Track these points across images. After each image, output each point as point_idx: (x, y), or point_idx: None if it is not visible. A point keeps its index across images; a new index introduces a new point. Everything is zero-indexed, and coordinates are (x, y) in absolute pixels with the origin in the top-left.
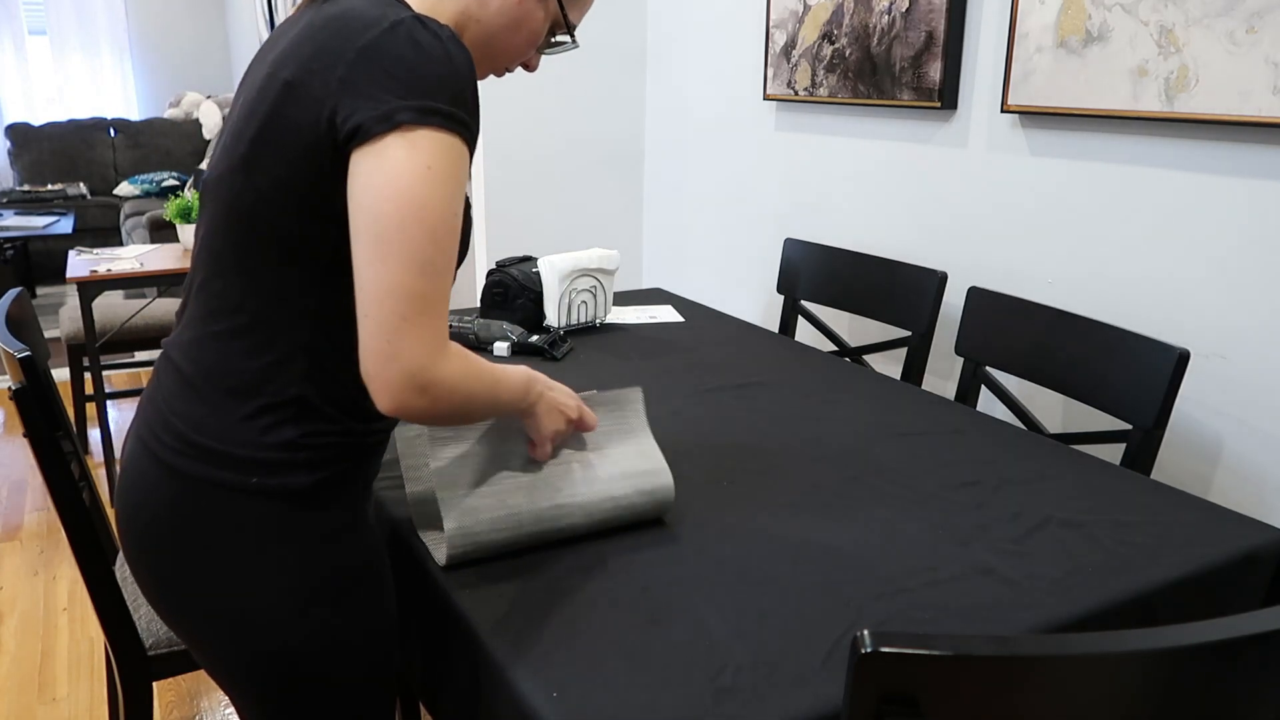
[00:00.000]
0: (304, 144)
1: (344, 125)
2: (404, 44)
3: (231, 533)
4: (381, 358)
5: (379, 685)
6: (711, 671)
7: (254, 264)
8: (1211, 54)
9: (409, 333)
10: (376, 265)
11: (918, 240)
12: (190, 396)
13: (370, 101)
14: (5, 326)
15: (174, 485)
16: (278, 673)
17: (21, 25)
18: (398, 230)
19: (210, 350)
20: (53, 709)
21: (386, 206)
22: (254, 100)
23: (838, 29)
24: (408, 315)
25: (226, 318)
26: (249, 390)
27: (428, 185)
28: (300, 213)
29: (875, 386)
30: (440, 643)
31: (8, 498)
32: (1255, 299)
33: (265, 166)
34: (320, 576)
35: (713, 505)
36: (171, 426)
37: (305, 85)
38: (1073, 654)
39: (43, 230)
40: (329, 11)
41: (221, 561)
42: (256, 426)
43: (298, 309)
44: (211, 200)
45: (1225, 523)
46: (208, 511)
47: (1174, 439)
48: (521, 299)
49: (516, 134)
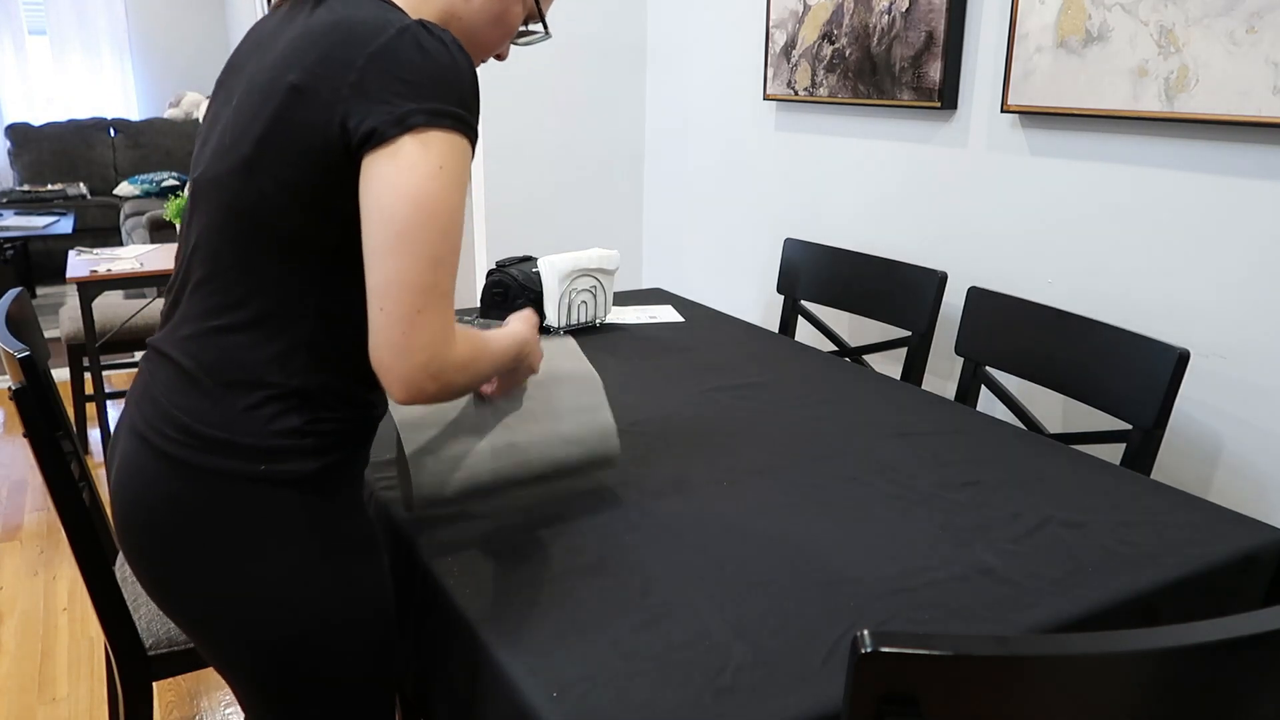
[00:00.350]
0: (312, 147)
1: (357, 130)
2: (412, 49)
3: (239, 520)
4: (396, 350)
5: (382, 671)
6: (711, 671)
7: (256, 261)
8: (1211, 54)
9: (423, 324)
10: (392, 261)
11: (918, 240)
12: (191, 390)
13: (383, 106)
14: (5, 326)
15: (177, 476)
16: (284, 658)
17: (21, 25)
18: (414, 228)
19: (211, 345)
20: (53, 709)
21: (403, 206)
22: (255, 104)
23: (838, 29)
24: (422, 308)
25: (228, 313)
26: (252, 383)
27: (440, 184)
28: (304, 212)
29: (875, 386)
30: (440, 643)
31: (8, 498)
32: (1255, 299)
33: (270, 168)
34: (329, 558)
35: (713, 505)
36: (173, 419)
37: (314, 90)
38: (1073, 654)
39: (43, 230)
40: (327, 18)
41: (229, 549)
42: (261, 416)
43: (299, 304)
44: (206, 200)
45: (1225, 523)
46: (214, 501)
47: (1174, 439)
48: (521, 299)
49: (517, 134)
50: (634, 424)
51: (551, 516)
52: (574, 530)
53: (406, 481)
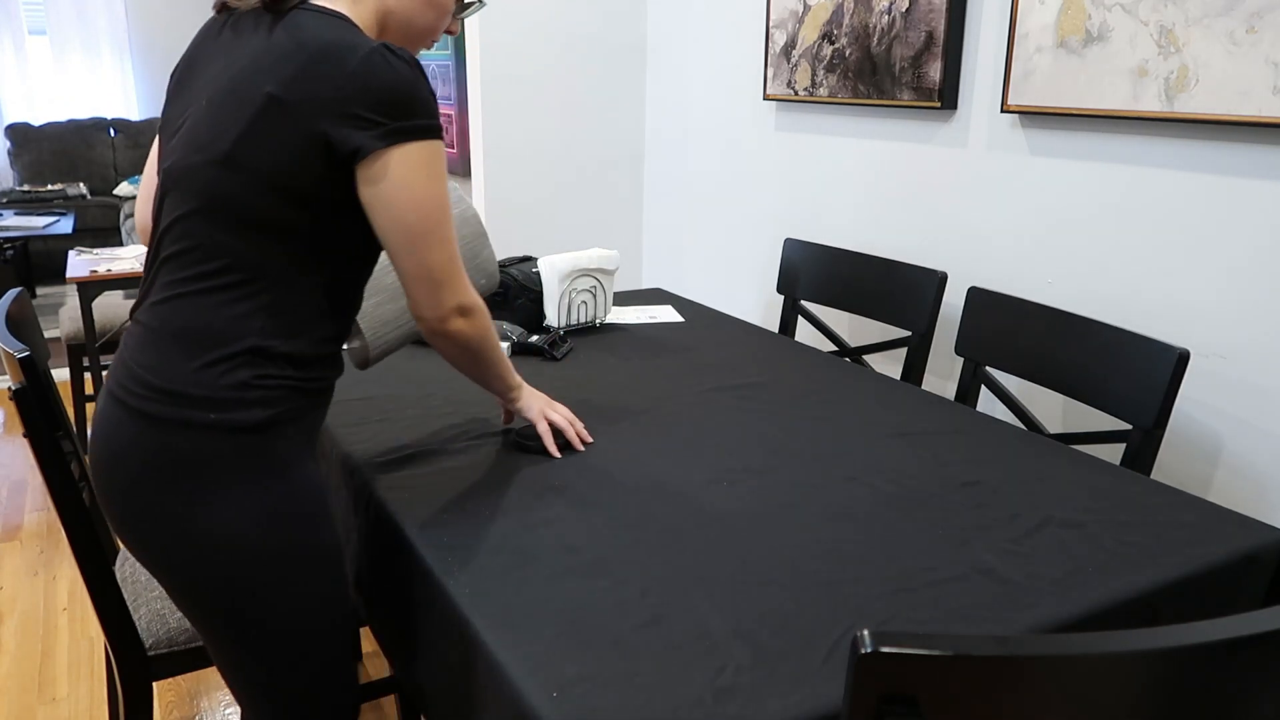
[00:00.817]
0: (294, 150)
1: (344, 145)
2: (384, 70)
3: (189, 465)
4: (432, 306)
5: (335, 628)
6: (711, 671)
7: (225, 239)
8: (1211, 54)
9: (448, 287)
10: (414, 257)
11: (918, 240)
12: (153, 349)
13: (365, 123)
14: (5, 326)
15: (139, 427)
16: (235, 602)
17: (21, 25)
18: (423, 228)
19: (177, 308)
20: (53, 709)
21: (409, 214)
22: (232, 107)
23: (838, 29)
24: (445, 278)
25: (195, 281)
26: (210, 342)
27: (430, 185)
28: (276, 201)
29: (875, 386)
30: (440, 643)
31: (8, 498)
32: (1255, 299)
33: (248, 164)
34: (273, 505)
35: (713, 505)
36: (138, 377)
37: (293, 102)
38: (1073, 654)
39: (43, 230)
40: (296, 36)
41: (180, 492)
42: (215, 371)
43: (261, 275)
44: (178, 187)
45: (1225, 523)
46: (168, 446)
47: (1174, 439)
48: (521, 299)
49: (517, 135)
50: (634, 424)
51: (551, 516)
52: (574, 530)
53: (361, 342)
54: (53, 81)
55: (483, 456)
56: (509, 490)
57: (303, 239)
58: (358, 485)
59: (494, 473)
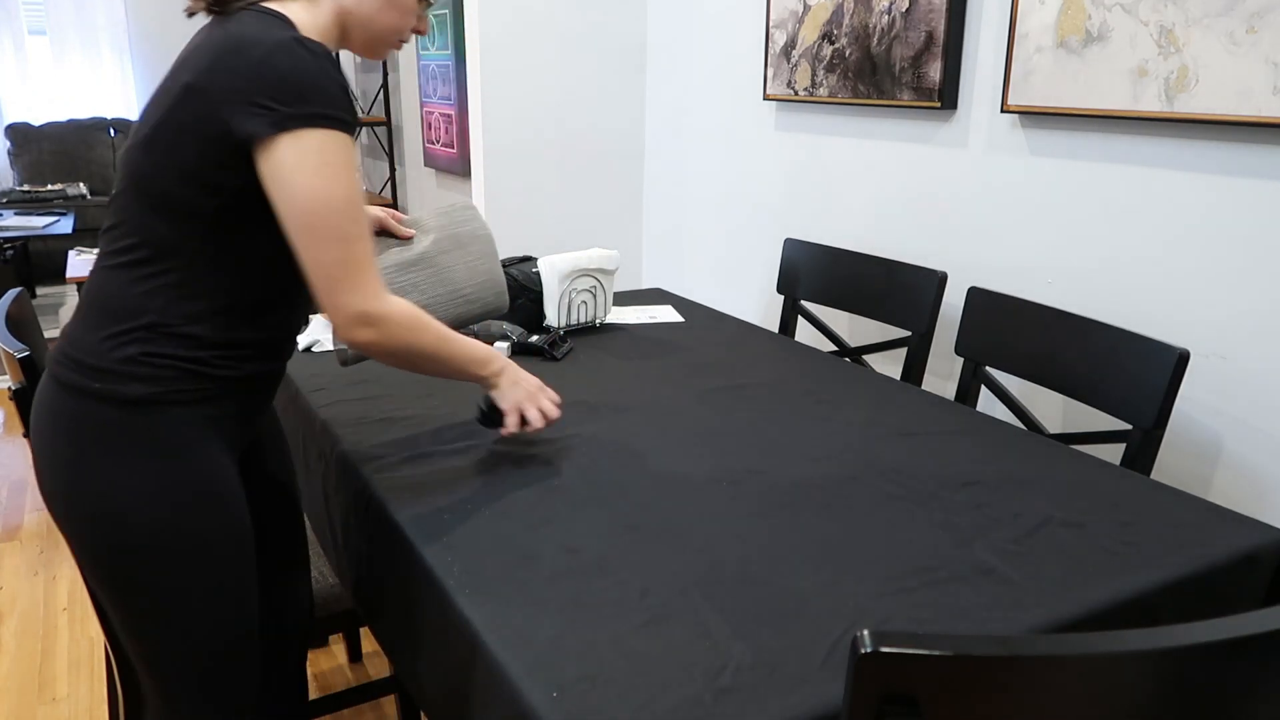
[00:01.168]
0: (198, 136)
1: (241, 130)
2: (283, 59)
3: (82, 430)
4: (329, 308)
5: (221, 618)
6: (711, 671)
7: (145, 218)
8: (1211, 54)
9: (342, 288)
10: (305, 251)
11: (918, 240)
12: (79, 319)
13: (261, 109)
14: (5, 326)
15: (53, 390)
16: (121, 571)
17: (21, 25)
18: (314, 219)
19: (99, 280)
20: (53, 709)
21: (300, 202)
22: (159, 97)
23: (838, 29)
24: (339, 277)
25: (116, 256)
26: (115, 315)
27: (325, 178)
28: (186, 185)
29: (875, 386)
30: (440, 643)
31: (8, 498)
32: (1255, 299)
33: (162, 148)
34: (159, 481)
35: (713, 505)
36: (61, 346)
37: (203, 89)
38: (1073, 654)
39: (43, 230)
40: (225, 29)
41: (69, 456)
42: (111, 343)
43: (171, 256)
44: (122, 167)
45: (1225, 523)
46: (63, 411)
47: (1174, 439)
48: (521, 299)
49: (517, 134)
50: (634, 423)
51: (551, 516)
52: (574, 530)
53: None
54: (53, 81)
55: (483, 456)
56: (509, 490)
57: (212, 224)
58: (358, 485)
59: (494, 473)
